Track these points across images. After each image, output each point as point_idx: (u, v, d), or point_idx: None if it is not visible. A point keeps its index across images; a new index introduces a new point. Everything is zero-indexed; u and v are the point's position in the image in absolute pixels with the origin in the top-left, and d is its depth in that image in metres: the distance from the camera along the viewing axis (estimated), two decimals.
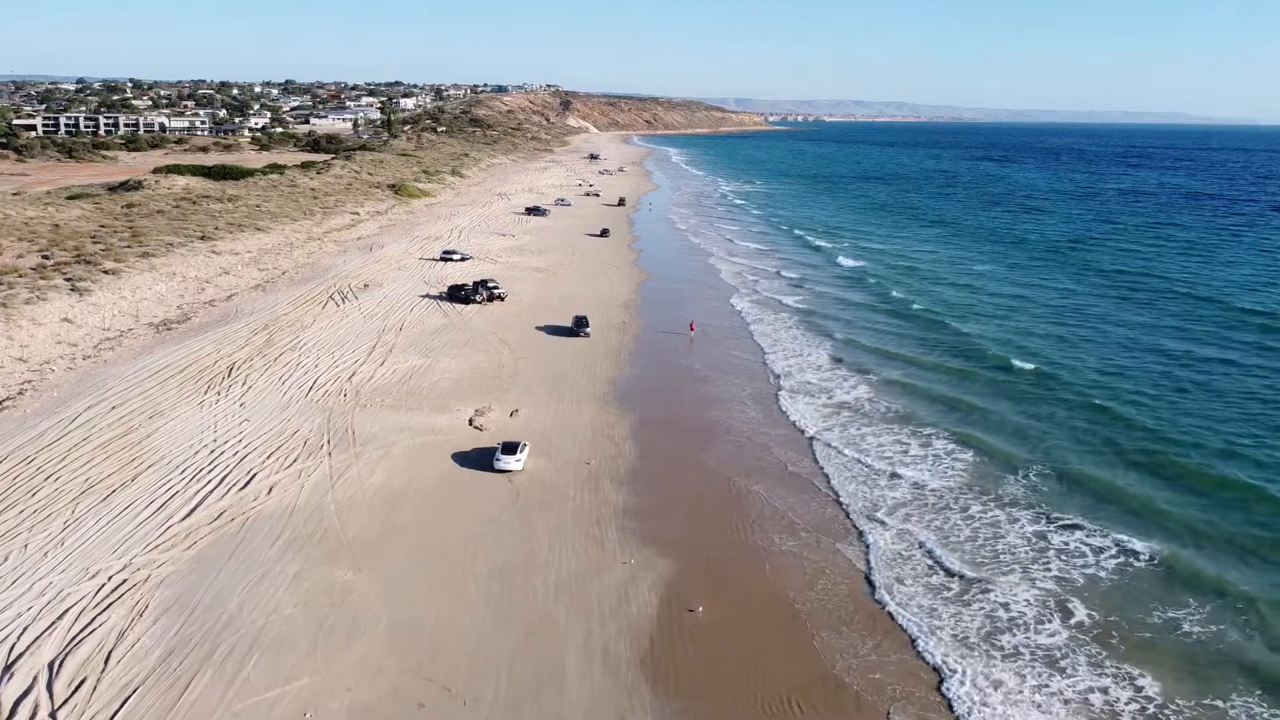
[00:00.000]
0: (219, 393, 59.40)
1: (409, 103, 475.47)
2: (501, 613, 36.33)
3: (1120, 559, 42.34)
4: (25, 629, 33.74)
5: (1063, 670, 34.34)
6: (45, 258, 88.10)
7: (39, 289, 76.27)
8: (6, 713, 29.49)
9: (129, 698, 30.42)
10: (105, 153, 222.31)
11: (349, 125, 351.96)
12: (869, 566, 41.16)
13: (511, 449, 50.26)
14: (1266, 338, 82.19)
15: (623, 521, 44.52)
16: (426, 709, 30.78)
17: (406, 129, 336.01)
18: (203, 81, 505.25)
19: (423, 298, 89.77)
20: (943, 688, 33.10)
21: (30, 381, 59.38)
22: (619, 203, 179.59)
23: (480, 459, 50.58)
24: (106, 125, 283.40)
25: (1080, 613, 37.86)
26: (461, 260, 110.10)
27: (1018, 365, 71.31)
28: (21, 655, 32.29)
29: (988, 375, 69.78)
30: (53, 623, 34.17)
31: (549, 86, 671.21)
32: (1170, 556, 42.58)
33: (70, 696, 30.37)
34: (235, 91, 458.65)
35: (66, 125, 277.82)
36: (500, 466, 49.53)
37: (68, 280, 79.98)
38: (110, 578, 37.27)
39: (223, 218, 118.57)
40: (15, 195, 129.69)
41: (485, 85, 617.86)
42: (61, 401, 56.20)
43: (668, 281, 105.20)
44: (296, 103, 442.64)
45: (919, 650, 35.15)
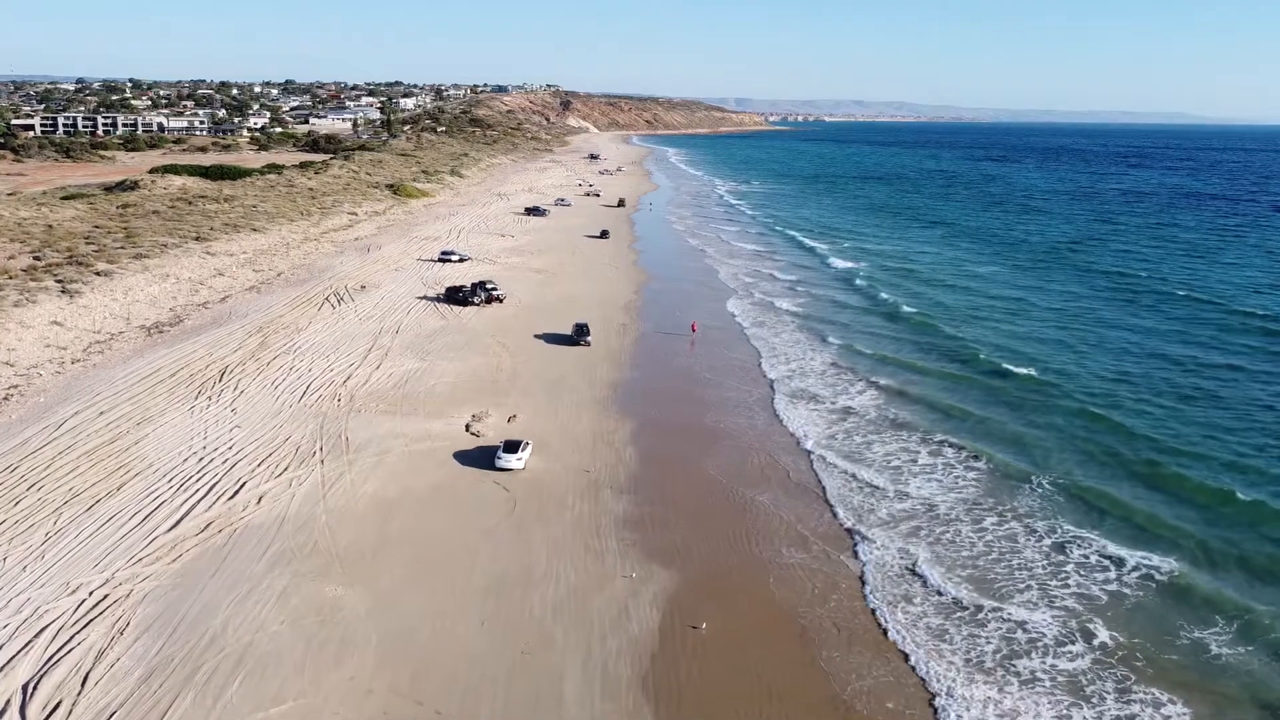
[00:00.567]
0: (210, 398, 58.03)
1: (409, 103, 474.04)
2: (497, 631, 34.96)
3: (1139, 574, 40.97)
4: None
5: (1088, 699, 32.74)
6: (37, 259, 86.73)
7: (29, 291, 74.90)
8: None
9: None
10: (103, 153, 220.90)
11: (348, 125, 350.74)
12: (877, 582, 39.78)
13: (513, 447, 49.63)
14: (1270, 341, 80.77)
15: (623, 533, 43.19)
16: None
17: (406, 129, 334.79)
18: (202, 81, 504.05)
19: (420, 299, 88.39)
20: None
21: (16, 386, 58.00)
22: (619, 203, 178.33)
23: (477, 466, 49.25)
24: (105, 125, 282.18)
25: (1102, 633, 36.41)
26: (460, 261, 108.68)
27: (1020, 372, 69.57)
28: None
29: (985, 381, 68.14)
30: (29, 641, 32.81)
31: (549, 86, 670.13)
32: (1183, 575, 41.08)
33: None
34: (235, 91, 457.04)
35: (65, 125, 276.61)
36: (501, 465, 48.72)
37: (59, 282, 78.63)
38: (91, 593, 35.92)
39: (219, 218, 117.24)
40: (10, 195, 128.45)
41: (485, 85, 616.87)
42: (48, 407, 54.85)
43: (668, 283, 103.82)
44: (296, 103, 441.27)
45: (919, 675, 33.77)
